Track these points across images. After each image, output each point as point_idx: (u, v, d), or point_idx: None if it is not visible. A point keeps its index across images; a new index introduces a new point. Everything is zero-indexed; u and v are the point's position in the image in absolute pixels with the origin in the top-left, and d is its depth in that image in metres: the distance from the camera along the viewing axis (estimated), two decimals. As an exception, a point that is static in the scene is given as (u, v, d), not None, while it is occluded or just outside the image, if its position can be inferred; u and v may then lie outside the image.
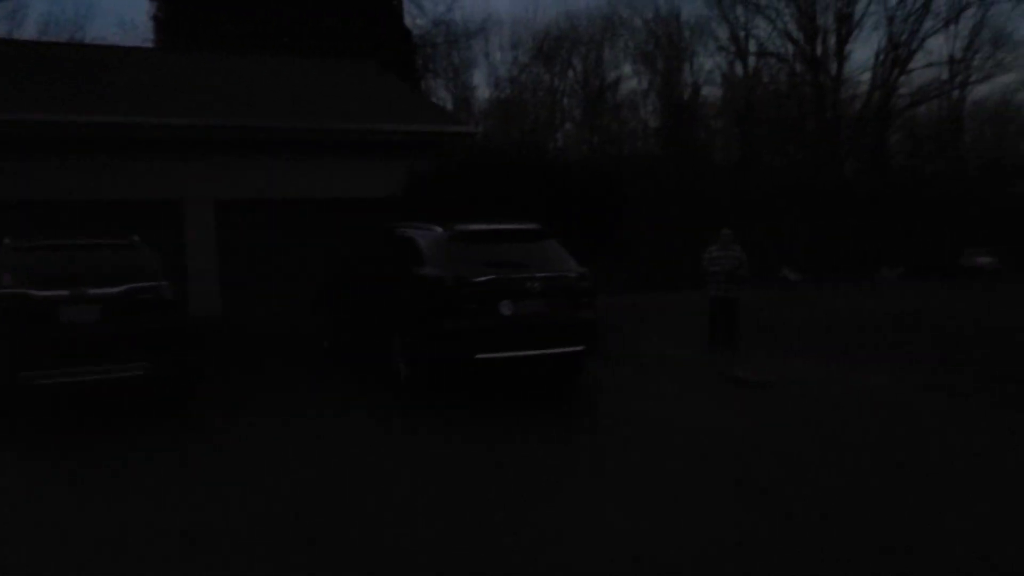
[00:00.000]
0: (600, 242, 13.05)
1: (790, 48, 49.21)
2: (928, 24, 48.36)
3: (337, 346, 11.30)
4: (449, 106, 41.69)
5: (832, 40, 48.76)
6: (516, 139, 44.13)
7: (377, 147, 13.79)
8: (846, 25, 48.84)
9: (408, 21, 28.24)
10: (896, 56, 48.92)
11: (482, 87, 49.70)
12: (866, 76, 49.43)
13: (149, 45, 28.21)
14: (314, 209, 13.45)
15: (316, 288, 12.08)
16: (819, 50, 48.67)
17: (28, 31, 41.28)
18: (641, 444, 6.83)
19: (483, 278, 8.37)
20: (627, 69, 53.02)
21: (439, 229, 9.16)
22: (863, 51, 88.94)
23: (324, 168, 13.59)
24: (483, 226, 9.18)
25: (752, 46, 49.61)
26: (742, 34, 49.69)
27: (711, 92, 52.15)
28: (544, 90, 49.70)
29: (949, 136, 51.36)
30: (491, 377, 9.23)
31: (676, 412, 7.95)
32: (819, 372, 10.00)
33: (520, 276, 8.57)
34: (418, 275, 8.88)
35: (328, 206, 13.44)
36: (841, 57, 48.90)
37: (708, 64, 78.93)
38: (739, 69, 50.43)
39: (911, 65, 49.15)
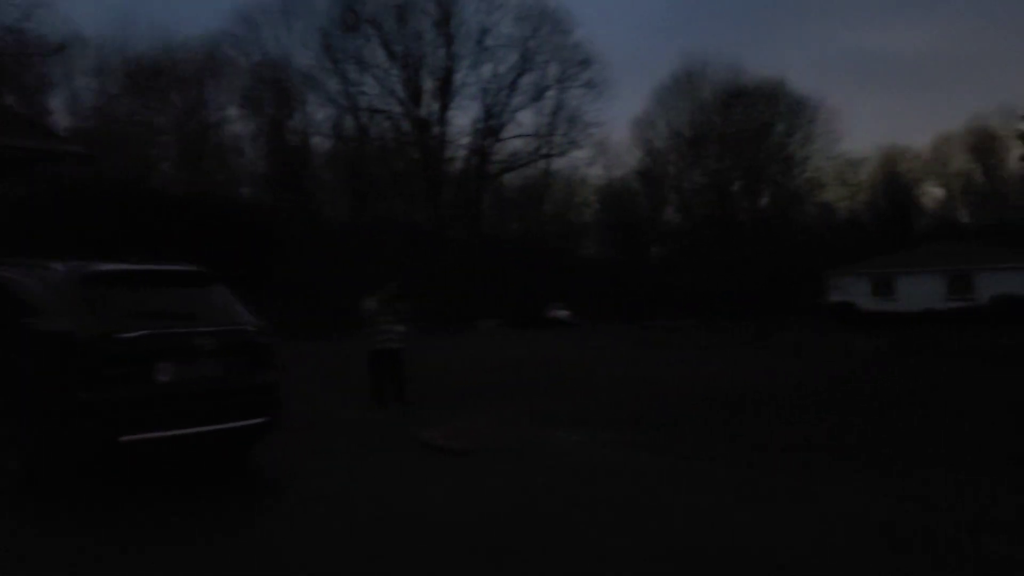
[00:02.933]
0: (252, 287, 11.28)
1: (398, 108, 50.92)
2: (518, 99, 53.52)
3: None
4: (18, 129, 35.21)
5: (436, 104, 51.58)
6: (102, 174, 38.90)
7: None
8: (447, 92, 52.02)
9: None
10: (490, 126, 53.36)
11: (61, 113, 43.00)
12: (466, 141, 52.82)
13: None
14: None
15: None
16: (424, 112, 51.13)
17: None
18: (341, 542, 5.34)
19: (133, 333, 6.33)
20: (232, 110, 50.08)
21: (61, 267, 6.84)
22: (465, 117, 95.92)
23: None
24: (127, 265, 7.07)
25: (363, 101, 50.35)
26: (353, 89, 50.21)
27: (321, 143, 51.65)
28: (138, 124, 44.82)
29: (534, 202, 57.15)
30: (141, 463, 7.05)
31: (381, 493, 6.60)
32: (510, 431, 9.45)
33: (184, 331, 6.68)
34: (33, 329, 6.48)
35: None
36: (444, 121, 51.92)
37: (319, 114, 77.71)
38: (350, 122, 50.77)
39: (504, 135, 53.96)
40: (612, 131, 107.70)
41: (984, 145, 70.55)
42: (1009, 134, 66.66)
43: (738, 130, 46.36)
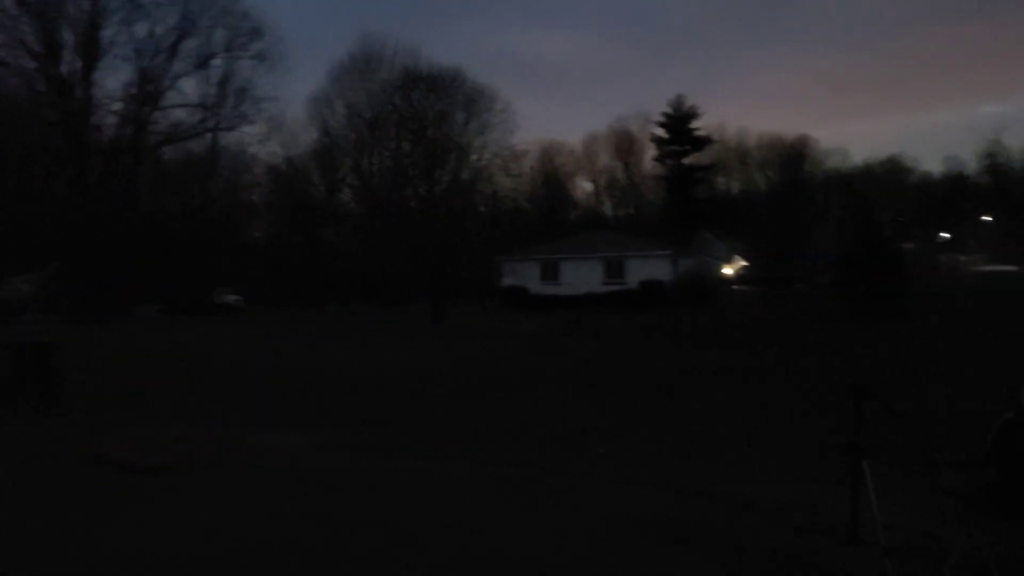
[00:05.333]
0: None
1: (30, 62, 43.67)
2: (179, 65, 48.69)
3: None
4: None
5: (79, 63, 45.14)
6: None
7: None
8: (92, 49, 45.80)
9: None
10: (147, 92, 47.94)
11: None
12: (118, 107, 46.86)
13: None
14: None
15: None
16: (65, 71, 44.48)
17: None
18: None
19: None
20: None
21: None
22: (116, 80, 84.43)
23: None
24: None
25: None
26: (-30, 35, 42.01)
27: (-76, 96, 42.57)
28: None
29: (199, 179, 52.69)
30: None
31: (47, 534, 4.99)
32: (209, 436, 8.07)
33: None
34: None
35: None
36: (89, 82, 45.59)
37: (-86, 62, 63.66)
38: (-34, 75, 42.44)
39: (164, 103, 48.75)
40: (287, 108, 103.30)
41: (625, 146, 79.23)
42: (645, 137, 75.54)
43: (417, 115, 46.65)
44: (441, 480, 6.35)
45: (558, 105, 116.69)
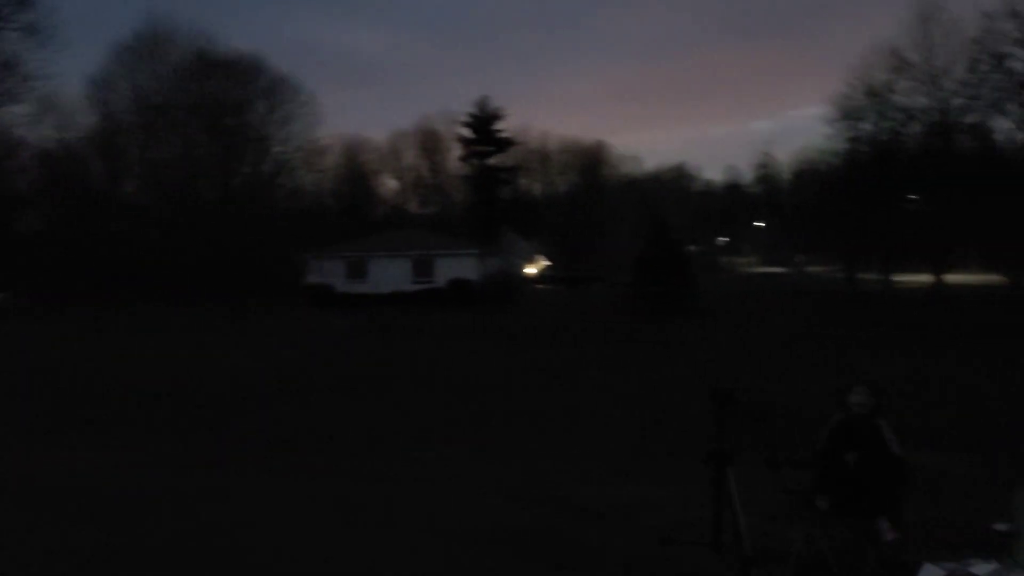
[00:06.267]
0: None
1: None
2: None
3: None
4: None
5: None
6: None
7: None
8: None
9: None
10: None
11: None
12: None
13: None
14: None
15: None
16: None
17: None
18: None
19: None
20: None
21: None
22: None
23: None
24: None
25: None
26: None
27: None
28: None
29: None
30: None
31: None
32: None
33: None
34: None
35: None
36: None
37: None
38: None
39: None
40: (63, 88, 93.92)
41: (431, 144, 79.22)
42: (451, 137, 75.83)
43: (214, 103, 43.95)
44: (271, 495, 5.88)
45: (363, 101, 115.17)
